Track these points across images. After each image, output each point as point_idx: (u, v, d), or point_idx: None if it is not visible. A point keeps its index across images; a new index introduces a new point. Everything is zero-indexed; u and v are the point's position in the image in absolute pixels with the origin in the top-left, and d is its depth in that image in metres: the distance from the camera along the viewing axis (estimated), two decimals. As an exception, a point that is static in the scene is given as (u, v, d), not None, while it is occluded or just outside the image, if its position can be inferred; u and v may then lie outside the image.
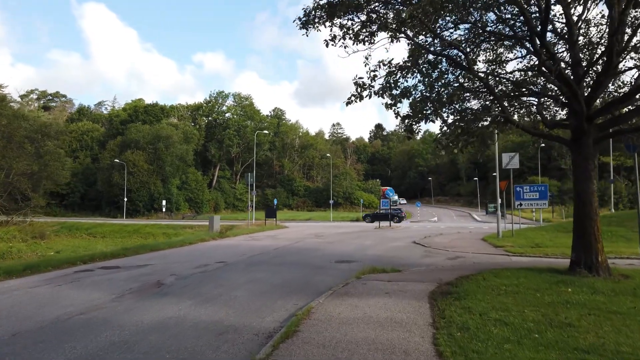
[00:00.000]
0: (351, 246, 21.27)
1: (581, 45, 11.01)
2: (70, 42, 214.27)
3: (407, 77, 10.77)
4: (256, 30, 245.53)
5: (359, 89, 10.10)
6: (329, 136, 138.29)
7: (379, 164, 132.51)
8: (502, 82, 11.60)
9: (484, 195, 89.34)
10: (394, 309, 7.38)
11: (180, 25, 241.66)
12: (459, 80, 10.76)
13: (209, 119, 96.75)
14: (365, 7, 10.40)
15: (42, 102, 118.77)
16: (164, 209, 72.19)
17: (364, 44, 10.89)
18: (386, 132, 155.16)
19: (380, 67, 10.04)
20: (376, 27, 10.58)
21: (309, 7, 10.86)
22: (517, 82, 11.52)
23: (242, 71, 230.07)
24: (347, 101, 10.13)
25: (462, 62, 10.48)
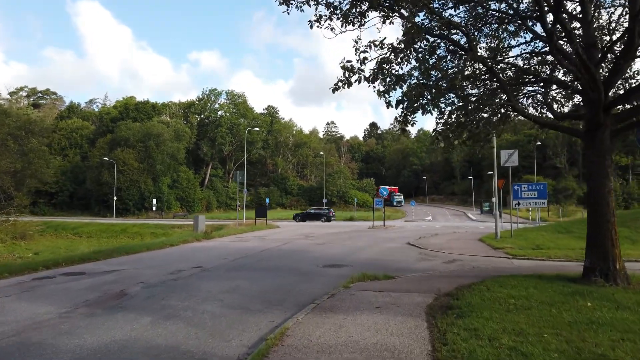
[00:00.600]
0: (342, 248, 20.08)
1: (596, 27, 9.82)
2: (64, 39, 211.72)
3: (402, 64, 9.59)
4: (252, 28, 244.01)
5: (347, 73, 8.86)
6: (323, 135, 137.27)
7: (373, 163, 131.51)
8: (507, 68, 10.42)
9: (479, 194, 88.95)
10: (386, 331, 6.18)
11: (175, 23, 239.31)
12: (459, 67, 9.52)
13: (201, 116, 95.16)
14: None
15: (32, 99, 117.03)
16: (155, 208, 70.79)
17: (353, 25, 9.69)
18: (381, 131, 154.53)
19: (371, 48, 8.83)
20: (367, 6, 9.37)
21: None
22: (522, 68, 10.32)
23: (238, 70, 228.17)
24: (334, 87, 8.92)
25: (464, 45, 9.29)
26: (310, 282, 11.03)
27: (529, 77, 10.20)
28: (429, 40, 9.14)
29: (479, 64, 9.88)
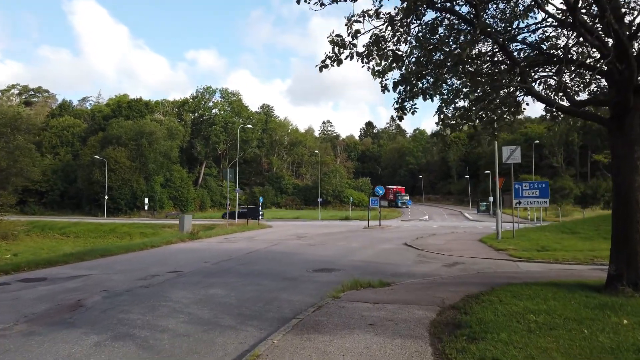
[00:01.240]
0: (335, 249, 18.83)
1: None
2: (60, 38, 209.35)
3: (400, 42, 8.34)
4: (250, 27, 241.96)
5: (336, 48, 7.60)
6: (318, 134, 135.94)
7: (369, 162, 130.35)
8: (519, 49, 9.18)
9: (475, 193, 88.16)
10: (381, 359, 4.95)
11: (172, 21, 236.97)
12: (465, 43, 8.21)
13: (195, 115, 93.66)
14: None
15: (24, 97, 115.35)
16: (147, 208, 69.34)
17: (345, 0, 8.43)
18: (377, 130, 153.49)
19: (365, 18, 7.55)
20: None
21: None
22: (536, 46, 9.05)
23: (235, 69, 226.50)
24: (321, 65, 7.65)
25: (470, 17, 8.04)
26: (296, 289, 9.78)
27: (543, 58, 8.94)
28: (433, 6, 7.80)
29: (488, 43, 8.66)
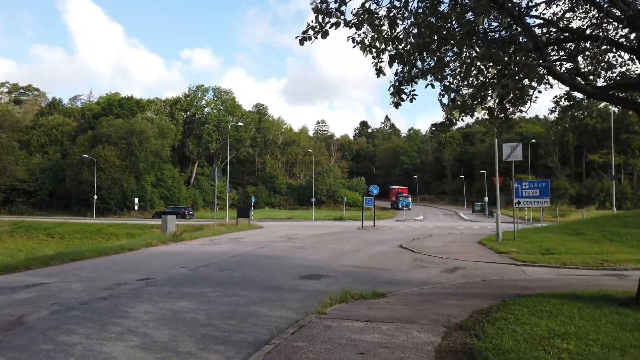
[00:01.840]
0: (326, 252, 17.59)
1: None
2: (54, 36, 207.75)
3: (397, 16, 7.12)
4: (246, 26, 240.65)
5: (321, 17, 6.37)
6: (313, 133, 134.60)
7: (363, 162, 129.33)
8: (535, 25, 7.98)
9: (470, 193, 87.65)
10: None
11: (167, 20, 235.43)
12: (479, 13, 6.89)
13: (188, 113, 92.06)
14: None
15: (13, 95, 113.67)
16: (137, 207, 67.82)
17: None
18: (371, 130, 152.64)
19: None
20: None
21: None
22: (555, 22, 7.85)
23: (230, 68, 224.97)
24: (302, 36, 6.39)
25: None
26: (278, 301, 8.54)
27: (565, 35, 7.74)
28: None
29: (499, 20, 7.45)
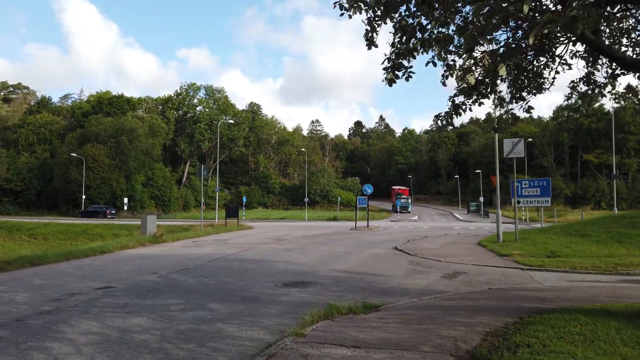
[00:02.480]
0: (315, 255, 16.38)
1: None
2: (48, 35, 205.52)
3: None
4: (242, 25, 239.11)
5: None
6: (307, 133, 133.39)
7: (358, 162, 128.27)
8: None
9: (465, 193, 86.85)
10: None
11: (163, 19, 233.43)
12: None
13: (179, 112, 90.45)
14: None
15: (2, 93, 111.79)
16: (126, 207, 66.22)
17: None
18: (366, 130, 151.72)
19: None
20: None
21: None
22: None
23: (227, 67, 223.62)
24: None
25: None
26: (250, 317, 7.33)
27: None
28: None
29: None
